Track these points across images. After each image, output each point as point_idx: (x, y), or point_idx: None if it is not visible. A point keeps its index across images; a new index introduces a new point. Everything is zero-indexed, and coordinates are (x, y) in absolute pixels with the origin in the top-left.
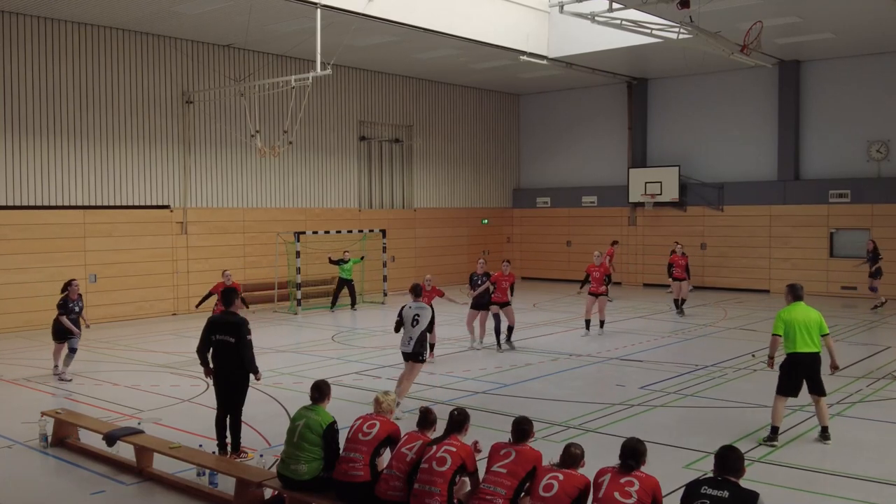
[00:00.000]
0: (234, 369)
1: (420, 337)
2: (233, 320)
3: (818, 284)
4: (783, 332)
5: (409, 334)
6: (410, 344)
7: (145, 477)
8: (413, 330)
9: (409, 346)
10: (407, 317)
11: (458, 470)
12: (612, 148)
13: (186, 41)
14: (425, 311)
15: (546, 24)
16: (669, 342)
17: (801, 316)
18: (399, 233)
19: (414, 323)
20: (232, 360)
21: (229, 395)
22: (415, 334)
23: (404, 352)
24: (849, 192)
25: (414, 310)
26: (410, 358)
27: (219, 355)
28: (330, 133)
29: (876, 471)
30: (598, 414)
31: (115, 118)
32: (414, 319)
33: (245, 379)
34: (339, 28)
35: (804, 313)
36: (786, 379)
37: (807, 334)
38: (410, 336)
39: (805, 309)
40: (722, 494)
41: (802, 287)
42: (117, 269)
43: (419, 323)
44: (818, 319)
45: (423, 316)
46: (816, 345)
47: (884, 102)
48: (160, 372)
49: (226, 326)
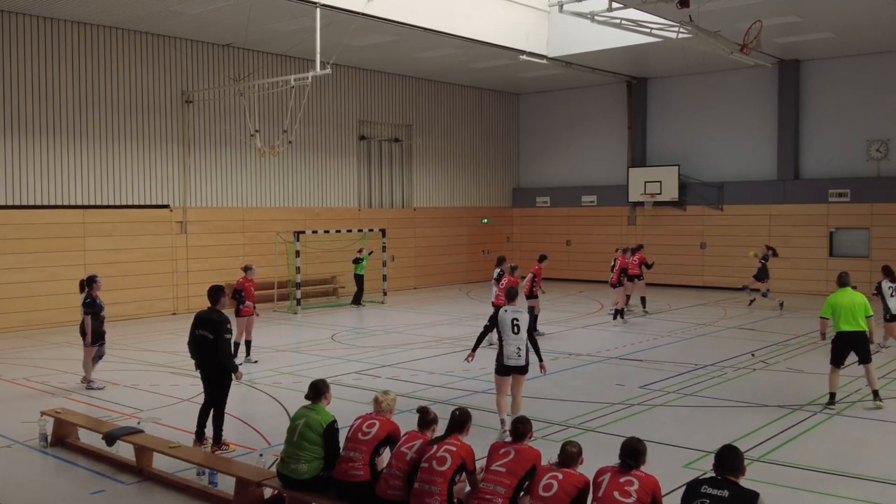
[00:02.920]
0: (212, 365)
1: (526, 346)
2: (213, 317)
3: (818, 284)
4: (830, 314)
5: (516, 344)
6: (521, 355)
7: (145, 476)
8: (518, 338)
9: (522, 359)
10: (506, 323)
11: (458, 469)
12: (612, 147)
13: (186, 40)
14: (524, 316)
15: (546, 23)
16: (669, 342)
17: (847, 300)
18: (399, 232)
19: (515, 330)
20: (210, 356)
21: (211, 388)
22: (522, 343)
23: (515, 365)
24: (848, 192)
25: (511, 314)
26: (519, 372)
27: (199, 350)
28: (329, 132)
29: (877, 470)
30: (598, 413)
31: (114, 118)
32: (514, 326)
33: (224, 375)
34: (338, 27)
35: (850, 298)
36: (835, 353)
37: (850, 316)
38: (518, 346)
39: (851, 294)
40: (722, 494)
41: (849, 274)
42: (117, 268)
43: (520, 329)
44: (863, 303)
45: (522, 321)
46: (860, 325)
47: (883, 102)
48: (160, 371)
49: (206, 322)
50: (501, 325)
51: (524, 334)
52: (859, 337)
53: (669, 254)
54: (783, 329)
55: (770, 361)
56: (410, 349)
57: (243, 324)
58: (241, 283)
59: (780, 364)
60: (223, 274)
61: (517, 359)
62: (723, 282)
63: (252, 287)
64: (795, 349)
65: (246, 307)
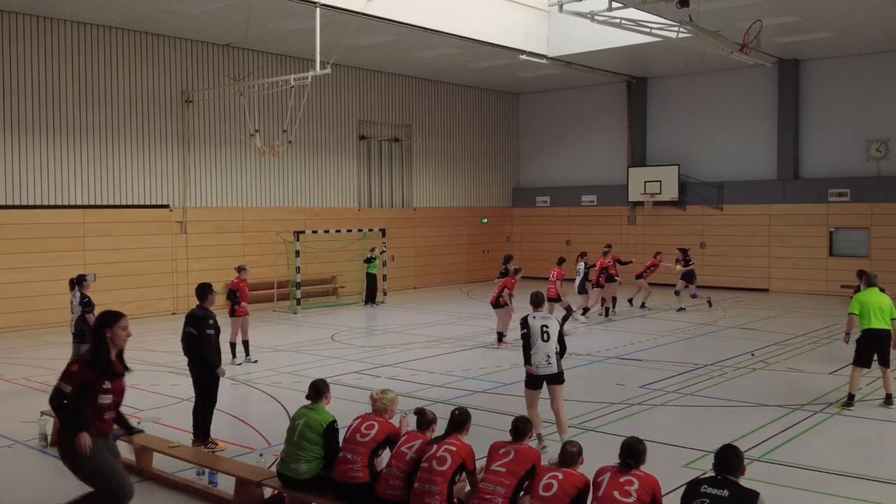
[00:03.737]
0: (196, 360)
1: (556, 353)
2: (197, 314)
3: (818, 283)
4: (858, 311)
5: (545, 351)
6: (552, 363)
7: (145, 476)
8: (548, 346)
9: (553, 366)
10: (535, 329)
11: (458, 469)
12: (612, 147)
13: (185, 40)
14: (553, 323)
15: (545, 23)
16: (669, 341)
17: (875, 299)
18: (398, 232)
19: (545, 337)
20: (194, 352)
21: (197, 384)
22: (551, 350)
23: (547, 374)
24: (848, 191)
25: (539, 321)
26: (554, 381)
27: (188, 347)
28: (329, 132)
29: (878, 471)
30: (598, 413)
31: (114, 117)
32: (544, 333)
33: (210, 371)
34: (338, 27)
35: (877, 297)
36: (862, 352)
37: (879, 314)
38: (548, 353)
39: (878, 293)
40: (722, 493)
41: (876, 276)
42: (117, 268)
43: (550, 336)
44: (890, 304)
45: (552, 327)
46: (888, 323)
47: (883, 101)
48: (160, 371)
49: (192, 319)
50: (532, 333)
51: (553, 341)
52: (886, 336)
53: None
54: (783, 329)
55: (770, 361)
56: (410, 349)
57: (238, 324)
58: (235, 283)
59: (780, 364)
60: (223, 274)
61: (547, 366)
62: (722, 281)
63: (246, 287)
64: (795, 349)
65: (241, 307)
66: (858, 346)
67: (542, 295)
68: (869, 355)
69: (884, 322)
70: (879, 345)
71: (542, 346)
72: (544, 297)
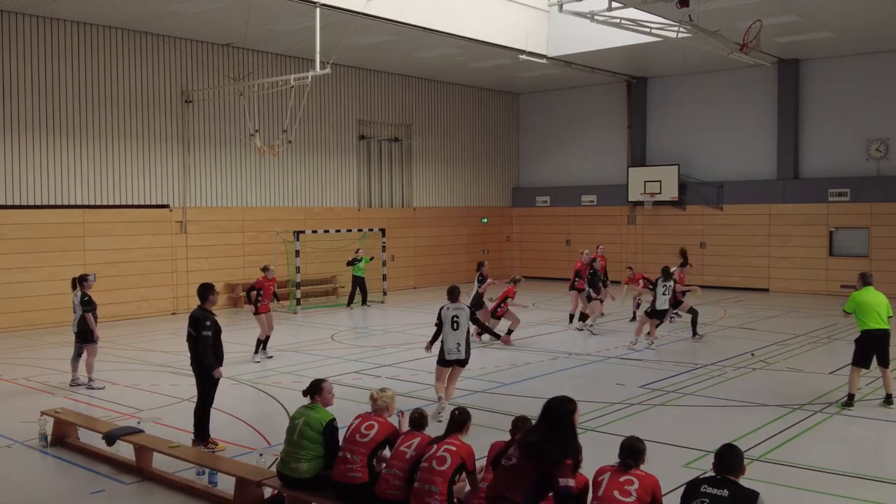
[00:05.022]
0: (194, 360)
1: (468, 341)
2: (196, 314)
3: (817, 283)
4: (853, 310)
5: (455, 340)
6: (461, 350)
7: (145, 476)
8: (457, 334)
9: (461, 353)
10: (447, 319)
11: (457, 469)
12: (612, 147)
13: (185, 40)
14: (463, 313)
15: (545, 22)
16: (669, 341)
17: (873, 299)
18: (398, 232)
19: (454, 326)
20: (193, 352)
21: (197, 384)
22: (461, 338)
23: (455, 359)
24: (848, 191)
25: (452, 311)
26: (459, 364)
27: (189, 346)
28: (329, 132)
29: (877, 470)
30: (598, 413)
31: (113, 117)
32: (454, 323)
33: (205, 371)
34: (338, 27)
35: (875, 297)
36: (861, 352)
37: (877, 314)
38: (458, 341)
39: (875, 293)
40: (722, 493)
41: (872, 275)
42: (117, 268)
43: (459, 326)
44: (886, 302)
45: (461, 318)
46: (886, 323)
47: (883, 101)
48: (160, 371)
49: (191, 319)
50: (444, 322)
51: (463, 330)
52: (885, 336)
53: (669, 253)
54: (783, 328)
55: (770, 361)
56: (410, 349)
57: (263, 321)
58: (259, 282)
59: (780, 363)
60: (223, 273)
61: (457, 353)
62: (722, 281)
63: (271, 287)
64: (795, 348)
65: (263, 304)
66: (857, 347)
67: (458, 289)
68: (868, 355)
69: (882, 322)
70: (878, 345)
71: (452, 334)
72: (460, 291)
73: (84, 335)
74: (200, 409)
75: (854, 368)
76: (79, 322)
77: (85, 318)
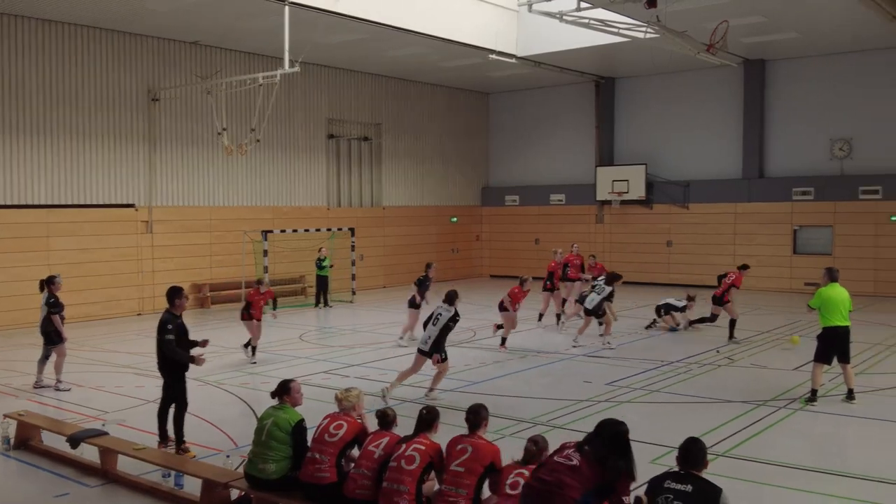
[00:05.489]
0: (160, 363)
1: (437, 338)
2: (161, 318)
3: (781, 281)
4: (819, 306)
5: (428, 333)
6: (428, 344)
7: (110, 479)
8: (430, 329)
9: (427, 346)
10: (433, 315)
11: (426, 468)
12: (580, 146)
13: (152, 38)
14: (443, 314)
15: (515, 22)
16: (635, 338)
17: (839, 295)
18: (368, 231)
19: (434, 322)
20: (159, 356)
21: (166, 388)
22: (433, 334)
23: (423, 350)
24: (812, 190)
25: (438, 310)
26: (424, 355)
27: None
28: (298, 131)
29: (839, 464)
30: (566, 410)
31: (78, 116)
32: (434, 319)
33: (171, 374)
34: (307, 25)
35: (840, 293)
36: (823, 348)
37: (842, 310)
38: (430, 335)
39: (840, 289)
40: (685, 488)
41: (838, 270)
42: (82, 269)
43: (437, 323)
44: (849, 298)
45: (441, 319)
46: (848, 319)
47: (846, 101)
48: (125, 373)
49: (158, 323)
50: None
51: (437, 328)
52: (847, 333)
53: (636, 252)
54: (748, 326)
55: (735, 358)
56: (379, 348)
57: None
58: (251, 295)
59: (745, 360)
60: (190, 274)
61: (424, 345)
62: (689, 279)
63: (262, 301)
64: (759, 345)
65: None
66: (820, 343)
67: (454, 294)
68: (830, 352)
69: (845, 318)
70: (840, 341)
71: (430, 328)
72: (455, 297)
73: (49, 337)
74: (165, 413)
75: (816, 364)
76: (44, 323)
77: (51, 320)
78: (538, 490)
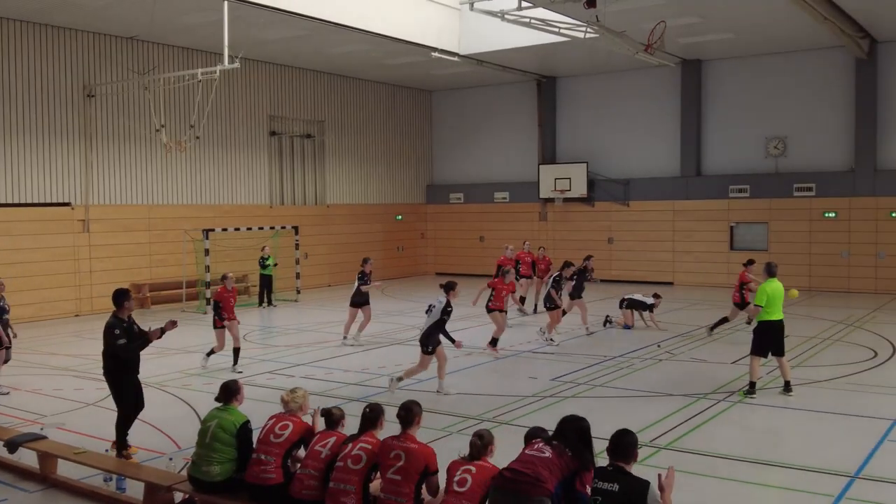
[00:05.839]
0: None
1: (428, 330)
2: (107, 322)
3: (719, 276)
4: (763, 303)
5: (425, 323)
6: (421, 332)
7: (49, 483)
8: (426, 319)
9: (420, 336)
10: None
11: (373, 467)
12: (523, 144)
13: (87, 32)
14: (438, 306)
15: (457, 21)
16: (579, 334)
17: (778, 289)
18: (312, 229)
19: (427, 312)
20: (105, 362)
21: (117, 396)
22: (426, 325)
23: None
24: (748, 187)
25: (435, 302)
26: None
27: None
28: (239, 128)
29: (778, 455)
30: (512, 406)
31: (12, 112)
32: (429, 309)
33: (111, 374)
34: (247, 21)
35: (778, 287)
36: (760, 342)
37: (780, 305)
38: (423, 327)
39: (778, 283)
40: (612, 488)
41: (777, 265)
42: (17, 269)
43: (430, 313)
44: (782, 292)
45: (434, 310)
46: (782, 313)
47: (781, 100)
48: (63, 375)
49: (104, 329)
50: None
51: (431, 318)
52: (782, 326)
53: (579, 248)
54: (687, 321)
55: (675, 352)
56: (325, 347)
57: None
58: (219, 293)
59: (685, 354)
60: (128, 273)
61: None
62: (629, 275)
63: (231, 298)
64: (699, 340)
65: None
66: (756, 337)
67: (452, 283)
68: (767, 346)
69: (781, 313)
70: (776, 335)
71: (425, 317)
72: (452, 287)
73: None
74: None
75: (754, 358)
76: None
77: None
78: (516, 482)
